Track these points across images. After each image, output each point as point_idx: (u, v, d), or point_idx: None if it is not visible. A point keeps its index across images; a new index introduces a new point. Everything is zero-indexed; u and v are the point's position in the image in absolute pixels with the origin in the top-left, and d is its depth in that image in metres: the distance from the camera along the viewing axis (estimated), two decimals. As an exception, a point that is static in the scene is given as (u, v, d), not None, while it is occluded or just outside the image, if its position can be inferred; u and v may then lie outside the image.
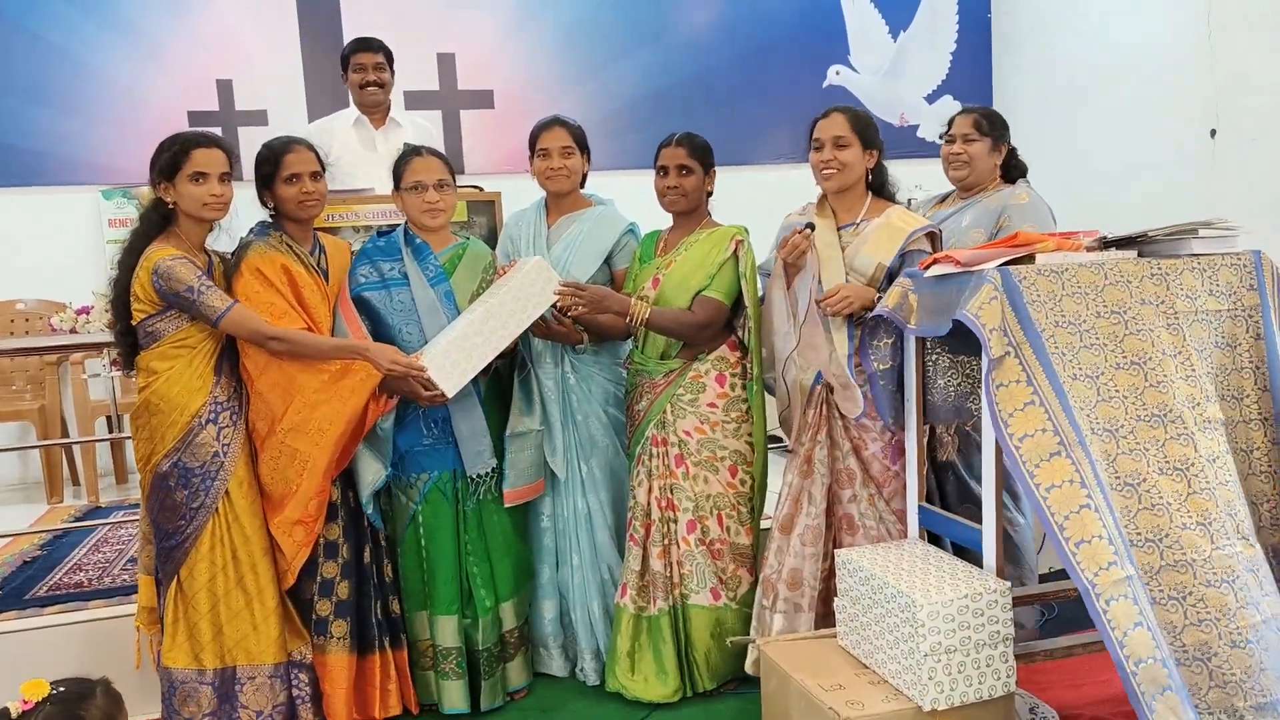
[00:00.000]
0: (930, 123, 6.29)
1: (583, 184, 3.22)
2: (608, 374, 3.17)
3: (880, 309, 2.56)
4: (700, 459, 2.99)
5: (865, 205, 2.84)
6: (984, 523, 2.44)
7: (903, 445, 2.73)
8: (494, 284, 2.91)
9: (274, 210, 2.86)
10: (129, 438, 2.90)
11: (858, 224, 2.82)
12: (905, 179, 3.01)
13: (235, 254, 2.80)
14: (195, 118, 5.18)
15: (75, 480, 4.96)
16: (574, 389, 3.12)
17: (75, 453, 4.90)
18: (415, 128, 4.20)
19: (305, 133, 3.90)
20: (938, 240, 2.83)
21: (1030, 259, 2.36)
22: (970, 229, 3.05)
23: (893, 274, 2.70)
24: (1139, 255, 2.43)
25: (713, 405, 2.99)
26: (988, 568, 2.42)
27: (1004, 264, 2.32)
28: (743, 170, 5.57)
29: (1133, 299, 2.31)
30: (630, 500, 3.07)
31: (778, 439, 3.34)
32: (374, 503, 2.87)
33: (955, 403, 2.61)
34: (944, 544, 2.74)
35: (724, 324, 3.01)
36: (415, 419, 2.92)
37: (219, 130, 4.88)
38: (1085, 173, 5.35)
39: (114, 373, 4.52)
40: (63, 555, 3.83)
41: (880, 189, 2.89)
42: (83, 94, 5.11)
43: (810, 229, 2.75)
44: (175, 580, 2.70)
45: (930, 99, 6.31)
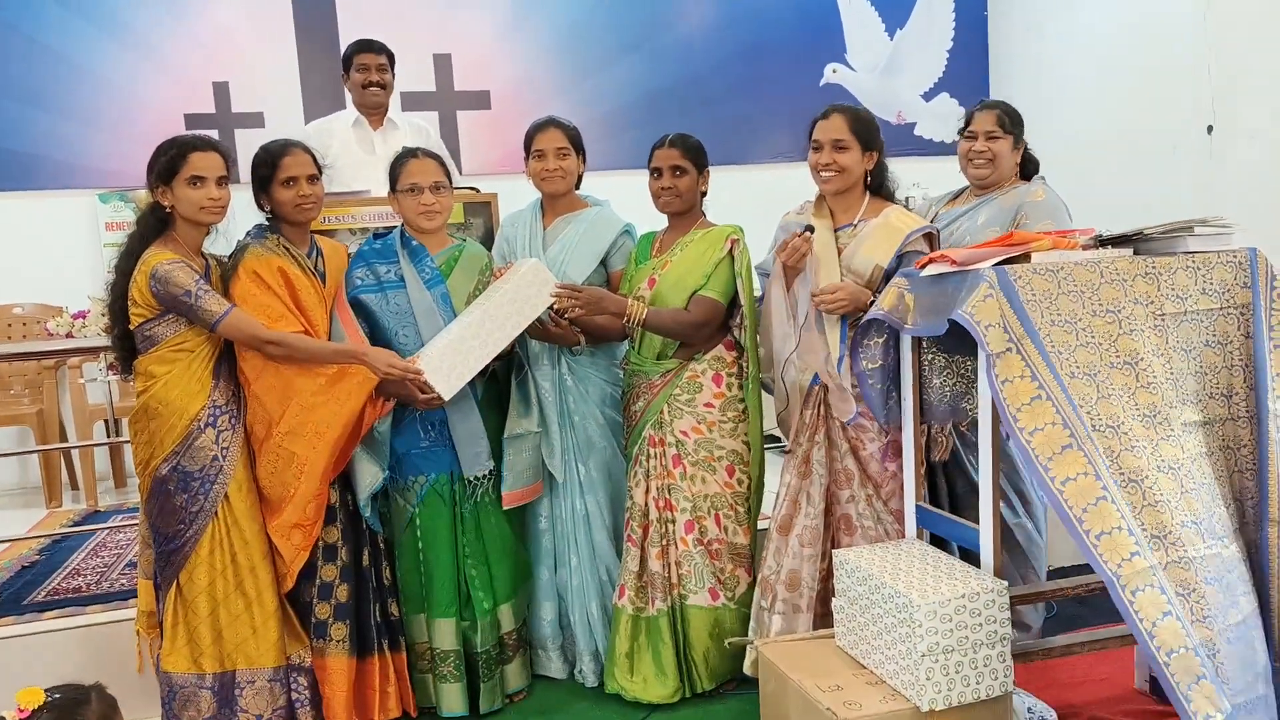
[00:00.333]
0: (927, 120, 6.29)
1: (578, 185, 3.21)
2: (605, 375, 3.17)
3: (876, 310, 2.54)
4: (697, 459, 2.99)
5: (863, 205, 2.83)
6: (981, 522, 2.44)
7: (900, 445, 2.72)
8: (490, 286, 2.91)
9: (271, 213, 2.86)
10: (127, 442, 2.90)
11: (855, 225, 2.81)
12: (902, 177, 2.98)
13: (232, 257, 2.80)
14: (191, 120, 5.18)
15: (74, 485, 4.96)
16: (571, 390, 3.12)
17: (74, 457, 4.90)
18: (413, 129, 4.20)
19: (303, 134, 3.91)
20: (935, 241, 2.81)
21: (1026, 258, 2.35)
22: (986, 227, 2.99)
23: (890, 275, 2.69)
24: (1135, 253, 2.41)
25: (709, 405, 2.99)
26: (985, 567, 2.41)
27: (1000, 263, 2.32)
28: (740, 170, 5.58)
29: (1126, 298, 2.31)
30: (628, 501, 3.07)
31: (775, 438, 3.34)
32: (372, 506, 2.87)
33: (950, 402, 2.60)
34: (950, 548, 2.71)
35: (720, 324, 3.01)
36: (412, 422, 2.92)
37: (215, 133, 4.92)
38: (1081, 170, 5.34)
39: (111, 377, 4.51)
40: (61, 560, 3.83)
41: (879, 188, 2.87)
42: (79, 97, 5.11)
43: (809, 231, 2.74)
44: (175, 584, 2.70)
45: (927, 97, 6.31)
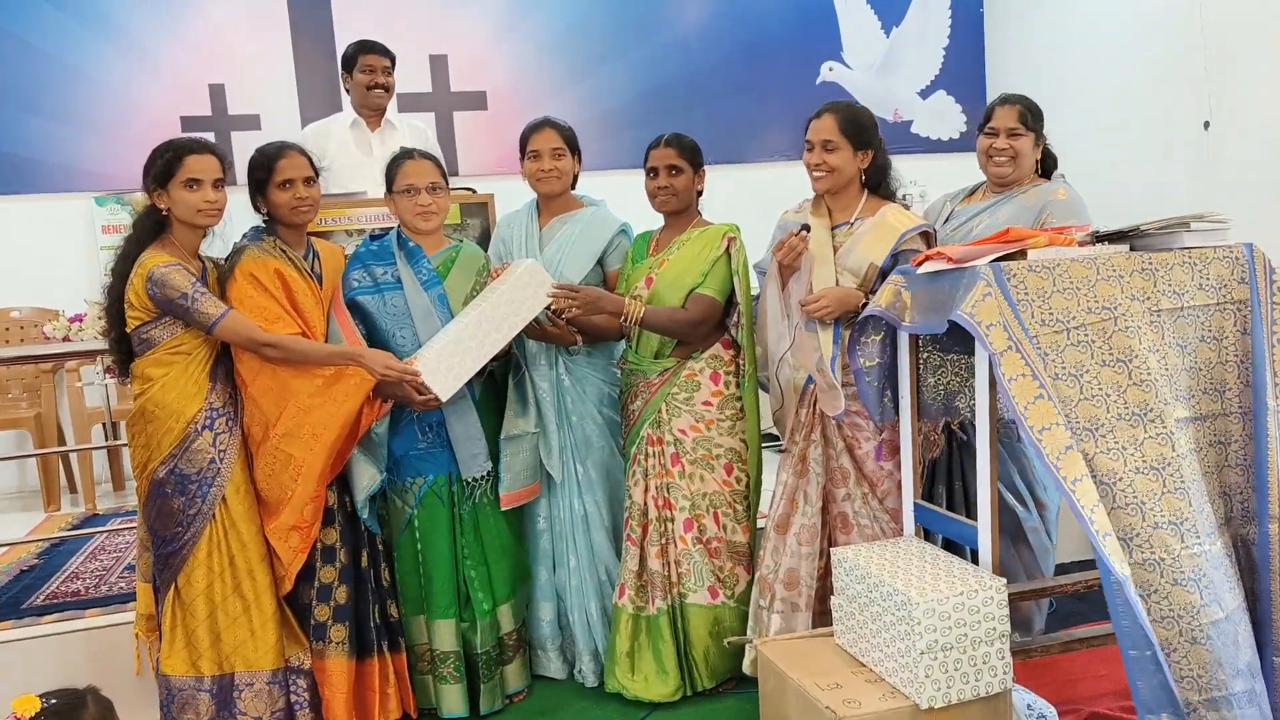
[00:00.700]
0: (924, 118, 6.29)
1: (574, 185, 3.22)
2: (602, 375, 3.17)
3: (872, 308, 2.54)
4: (696, 457, 2.99)
5: (860, 204, 2.82)
6: (979, 520, 2.43)
7: (895, 444, 2.72)
8: (487, 287, 2.91)
9: (267, 215, 2.85)
10: (125, 445, 2.90)
11: (852, 223, 2.81)
12: (900, 175, 2.99)
13: (229, 259, 2.79)
14: (187, 123, 5.18)
15: (72, 488, 4.96)
16: (569, 390, 3.12)
17: (72, 460, 4.89)
18: (411, 130, 4.20)
19: (301, 136, 3.92)
20: (932, 239, 2.80)
21: (1022, 255, 2.35)
22: (1009, 225, 2.95)
23: (885, 274, 2.68)
24: (1131, 249, 2.41)
25: (707, 403, 2.99)
26: (984, 564, 2.41)
27: (996, 259, 2.31)
28: (737, 168, 5.59)
29: (1123, 294, 2.30)
30: (626, 500, 3.07)
31: (772, 436, 3.34)
32: (369, 507, 2.86)
33: (945, 400, 2.60)
34: (962, 551, 2.70)
35: (717, 322, 3.01)
36: (410, 423, 2.92)
37: (212, 135, 4.92)
38: (1078, 166, 5.34)
39: (109, 380, 4.51)
40: (60, 563, 3.83)
41: (877, 187, 2.85)
42: (75, 100, 5.10)
43: (805, 230, 2.74)
44: (173, 587, 2.70)
45: (924, 94, 6.31)
